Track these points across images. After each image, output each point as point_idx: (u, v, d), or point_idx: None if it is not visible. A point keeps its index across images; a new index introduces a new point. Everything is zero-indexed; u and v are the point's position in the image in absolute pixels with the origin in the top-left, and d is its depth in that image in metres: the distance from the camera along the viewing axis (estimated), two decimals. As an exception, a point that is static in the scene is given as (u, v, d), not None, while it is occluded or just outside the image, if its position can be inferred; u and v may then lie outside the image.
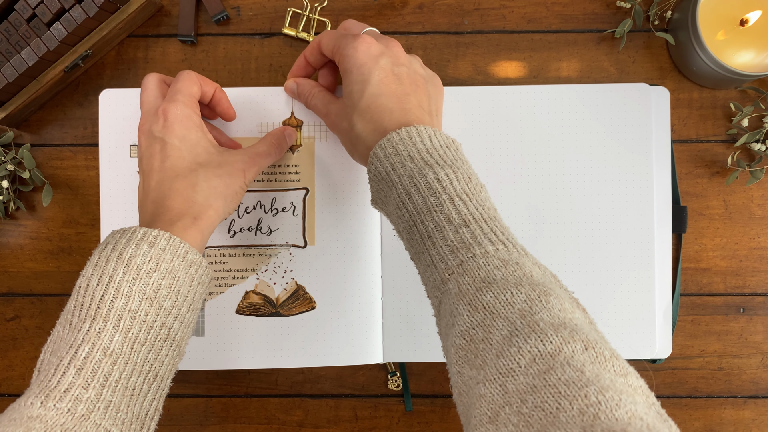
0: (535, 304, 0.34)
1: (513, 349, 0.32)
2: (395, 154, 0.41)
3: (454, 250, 0.38)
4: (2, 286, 0.57)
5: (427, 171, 0.40)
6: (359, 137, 0.45)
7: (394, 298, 0.54)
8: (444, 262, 0.38)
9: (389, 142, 0.42)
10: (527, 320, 0.33)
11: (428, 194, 0.39)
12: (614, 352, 0.32)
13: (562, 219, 0.54)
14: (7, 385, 0.58)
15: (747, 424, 0.57)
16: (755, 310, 0.57)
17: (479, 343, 0.34)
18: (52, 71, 0.54)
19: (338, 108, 0.48)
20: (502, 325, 0.34)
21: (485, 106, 0.54)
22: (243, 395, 0.57)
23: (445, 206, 0.39)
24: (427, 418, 0.57)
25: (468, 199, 0.39)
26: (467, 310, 0.36)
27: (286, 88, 0.53)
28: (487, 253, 0.37)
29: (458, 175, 0.40)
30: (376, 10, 0.57)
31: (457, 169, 0.40)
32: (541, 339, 0.32)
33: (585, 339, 0.32)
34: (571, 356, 0.31)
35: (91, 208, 0.57)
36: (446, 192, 0.39)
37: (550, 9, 0.57)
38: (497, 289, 0.35)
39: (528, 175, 0.55)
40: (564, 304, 0.34)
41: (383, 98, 0.44)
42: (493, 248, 0.37)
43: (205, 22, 0.57)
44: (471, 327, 0.35)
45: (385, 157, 0.42)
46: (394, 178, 0.41)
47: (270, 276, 0.54)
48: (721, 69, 0.52)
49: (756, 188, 0.57)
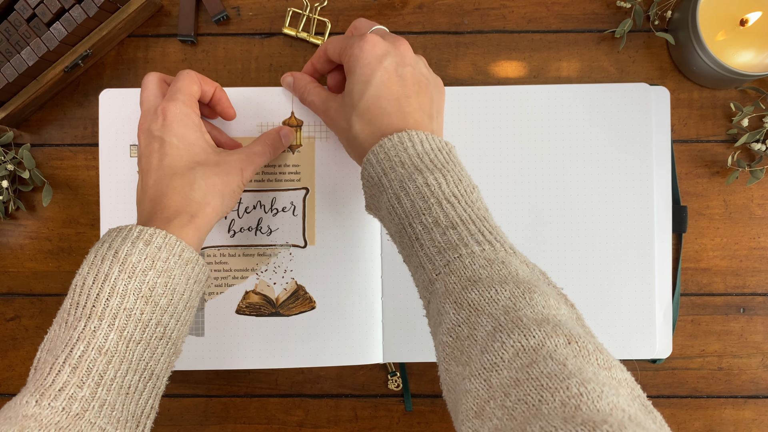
0: (519, 300, 0.35)
1: (497, 345, 0.33)
2: (387, 160, 0.42)
3: (441, 251, 0.38)
4: (2, 286, 0.57)
5: (417, 176, 0.40)
6: (356, 138, 0.45)
7: (394, 298, 0.54)
8: (431, 262, 0.39)
9: (381, 148, 0.42)
10: (511, 316, 0.34)
11: (417, 198, 0.40)
12: (598, 346, 0.33)
13: (562, 218, 0.54)
14: (7, 385, 0.58)
15: (747, 424, 0.57)
16: (755, 310, 0.57)
17: (465, 340, 0.35)
18: (52, 71, 0.54)
19: (337, 105, 0.48)
20: (486, 322, 0.34)
21: (485, 106, 0.54)
22: (243, 395, 0.57)
23: (433, 209, 0.39)
24: (427, 418, 0.57)
25: (456, 202, 0.40)
26: (453, 308, 0.36)
27: (282, 81, 0.53)
28: (473, 253, 0.38)
29: (447, 178, 0.40)
30: (377, 10, 0.57)
31: (447, 172, 0.41)
32: (524, 334, 0.32)
33: (568, 333, 0.32)
34: (553, 350, 0.31)
35: (91, 208, 0.57)
36: (434, 195, 0.40)
37: (550, 9, 0.57)
38: (482, 287, 0.36)
39: (528, 174, 0.54)
40: (548, 301, 0.35)
41: (383, 100, 0.44)
42: (479, 248, 0.38)
43: (205, 22, 0.57)
44: (457, 324, 0.36)
45: (378, 163, 0.42)
46: (385, 183, 0.42)
47: (270, 276, 0.54)
48: (721, 69, 0.52)
49: (756, 188, 0.57)
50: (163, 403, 0.49)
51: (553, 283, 0.38)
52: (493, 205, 0.54)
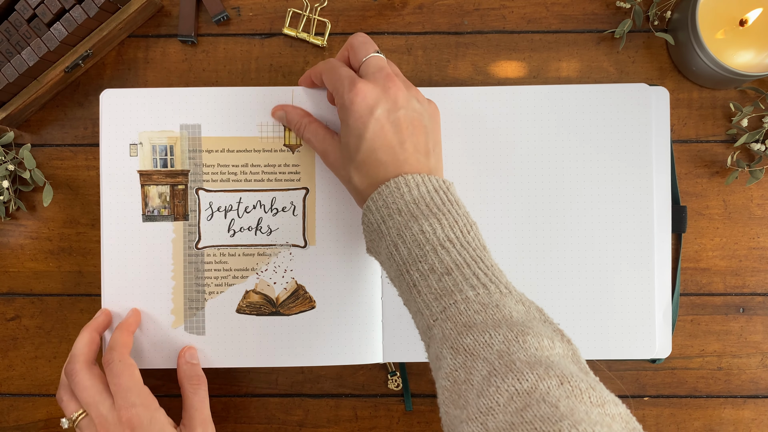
0: (512, 344, 0.36)
1: (492, 389, 0.34)
2: (385, 207, 0.43)
3: (438, 297, 0.40)
4: (2, 286, 0.57)
5: (412, 223, 0.42)
6: (356, 189, 0.46)
7: (394, 298, 0.54)
8: (429, 309, 0.40)
9: (380, 195, 0.44)
10: (505, 360, 0.35)
11: (413, 246, 0.42)
12: (591, 383, 0.34)
13: (562, 219, 0.55)
14: (8, 385, 0.58)
15: (747, 424, 0.57)
16: (755, 309, 0.57)
17: (462, 384, 0.36)
18: (53, 71, 0.54)
19: (336, 153, 0.48)
20: (481, 366, 0.36)
21: (485, 106, 0.54)
22: (243, 395, 0.57)
23: (428, 257, 0.41)
24: (427, 417, 0.57)
25: (451, 246, 0.41)
26: (450, 354, 0.38)
27: (273, 115, 0.53)
28: (467, 298, 0.39)
29: (443, 222, 0.42)
30: (376, 11, 0.57)
31: (442, 216, 0.42)
32: (517, 377, 0.34)
33: (560, 374, 0.33)
34: (546, 392, 0.32)
35: (92, 208, 0.57)
36: (429, 242, 0.41)
37: (549, 9, 0.57)
38: (477, 332, 0.37)
39: (527, 175, 0.55)
40: (542, 342, 0.36)
41: (378, 152, 0.44)
42: (473, 293, 0.39)
43: (206, 23, 0.57)
44: (454, 369, 0.37)
45: (377, 210, 0.44)
46: (383, 230, 0.43)
47: (270, 275, 0.54)
48: (721, 69, 0.52)
49: (756, 188, 0.57)
50: (164, 402, 0.49)
51: (550, 319, 0.40)
52: (493, 205, 0.54)
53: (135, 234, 0.54)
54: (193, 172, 0.54)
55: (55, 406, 0.58)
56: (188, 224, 0.54)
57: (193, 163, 0.54)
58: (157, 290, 0.54)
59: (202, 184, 0.54)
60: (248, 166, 0.54)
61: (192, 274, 0.54)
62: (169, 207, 0.54)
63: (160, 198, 0.54)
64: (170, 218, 0.54)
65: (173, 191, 0.54)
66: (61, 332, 0.57)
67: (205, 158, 0.54)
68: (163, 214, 0.54)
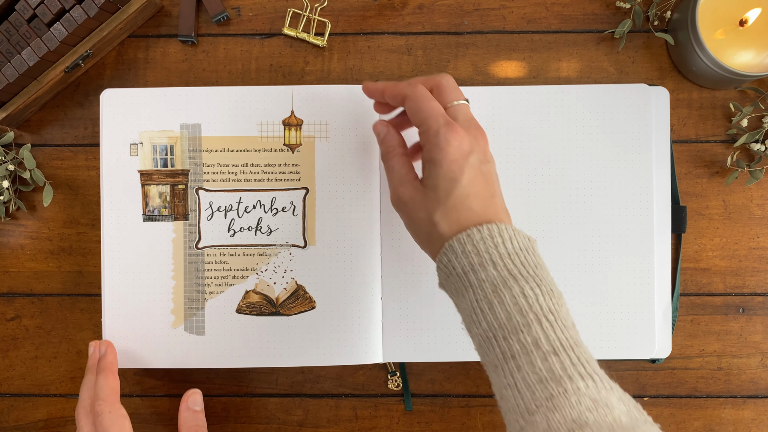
0: None
1: None
2: (476, 254, 0.40)
3: (543, 380, 0.37)
4: (3, 286, 0.57)
5: (512, 283, 0.39)
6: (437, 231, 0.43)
7: (394, 298, 0.54)
8: (530, 390, 0.37)
9: (469, 239, 0.41)
10: None
11: (513, 310, 0.38)
12: None
13: (562, 219, 0.55)
14: (8, 385, 0.58)
15: (746, 424, 0.57)
16: (755, 309, 0.57)
17: None
18: (53, 71, 0.54)
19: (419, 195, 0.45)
20: None
21: (485, 106, 0.54)
22: (243, 395, 0.57)
23: (532, 327, 0.38)
24: (427, 417, 0.57)
25: (554, 319, 0.38)
26: None
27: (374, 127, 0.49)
28: (578, 390, 0.36)
29: (542, 288, 0.39)
30: (376, 11, 0.57)
31: (540, 281, 0.39)
32: None
33: None
34: None
35: (92, 208, 0.57)
36: (533, 311, 0.38)
37: (549, 9, 0.57)
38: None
39: (527, 175, 0.55)
40: None
41: (470, 200, 0.42)
42: (584, 384, 0.36)
43: (206, 23, 0.57)
44: None
45: (464, 254, 0.41)
46: (473, 281, 0.40)
47: (270, 275, 0.54)
48: (721, 69, 0.52)
49: (755, 188, 0.57)
50: (164, 402, 0.49)
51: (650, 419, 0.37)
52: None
53: (135, 234, 0.54)
54: (193, 172, 0.54)
55: (55, 406, 0.58)
56: (188, 224, 0.54)
57: (193, 162, 0.54)
58: (157, 290, 0.54)
59: (202, 183, 0.54)
60: (248, 165, 0.54)
61: (192, 274, 0.54)
62: (170, 207, 0.54)
63: (160, 198, 0.54)
64: (170, 218, 0.54)
65: (173, 191, 0.54)
66: (61, 332, 0.57)
67: (205, 158, 0.54)
68: (164, 213, 0.54)
